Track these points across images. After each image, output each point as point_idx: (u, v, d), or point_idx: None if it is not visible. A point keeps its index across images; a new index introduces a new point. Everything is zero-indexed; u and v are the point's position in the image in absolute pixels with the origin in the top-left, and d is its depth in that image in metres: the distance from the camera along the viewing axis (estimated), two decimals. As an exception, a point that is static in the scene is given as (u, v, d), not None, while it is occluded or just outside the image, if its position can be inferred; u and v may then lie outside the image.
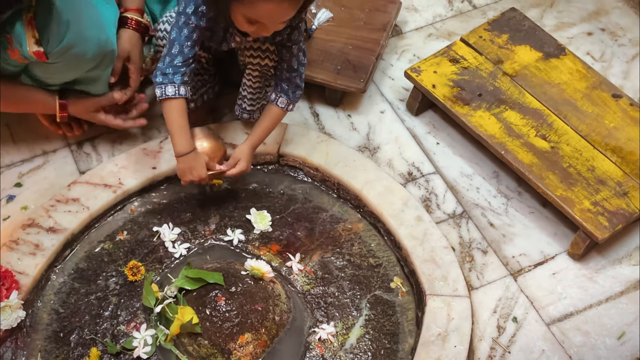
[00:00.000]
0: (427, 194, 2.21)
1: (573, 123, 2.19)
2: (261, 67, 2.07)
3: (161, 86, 1.92)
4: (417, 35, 2.62)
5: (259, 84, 2.14)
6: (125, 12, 2.13)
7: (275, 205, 2.14)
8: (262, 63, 2.06)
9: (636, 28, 2.64)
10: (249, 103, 2.19)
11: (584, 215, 2.01)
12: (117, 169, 2.13)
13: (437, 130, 2.37)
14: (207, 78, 2.24)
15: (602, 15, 2.69)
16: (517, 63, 2.33)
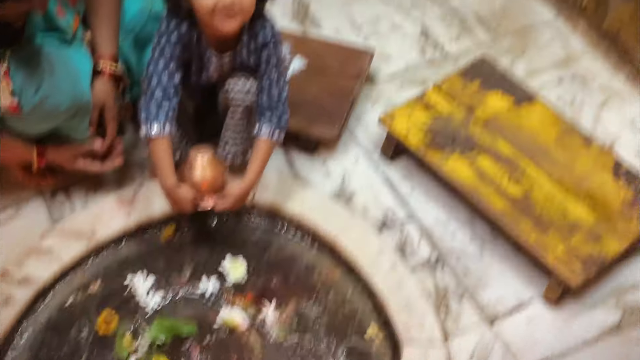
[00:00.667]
0: (402, 240, 2.22)
1: (545, 169, 2.21)
2: (244, 105, 2.08)
3: (146, 124, 1.93)
4: (391, 83, 2.64)
5: (243, 121, 2.15)
6: (99, 59, 2.13)
7: (250, 253, 2.14)
8: (246, 100, 2.07)
9: (606, 74, 2.69)
10: (232, 143, 2.19)
11: (557, 261, 2.02)
12: (91, 218, 2.12)
13: (411, 176, 2.38)
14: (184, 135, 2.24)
15: (572, 62, 2.73)
16: (489, 110, 2.35)
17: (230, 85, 2.06)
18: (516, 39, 2.81)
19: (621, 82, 2.67)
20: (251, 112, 2.12)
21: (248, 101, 2.07)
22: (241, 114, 2.12)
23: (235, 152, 2.21)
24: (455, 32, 2.83)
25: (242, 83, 2.05)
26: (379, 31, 2.82)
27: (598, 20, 2.77)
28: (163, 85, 1.93)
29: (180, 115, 2.14)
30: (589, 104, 2.59)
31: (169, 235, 2.16)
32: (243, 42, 2.00)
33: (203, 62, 2.03)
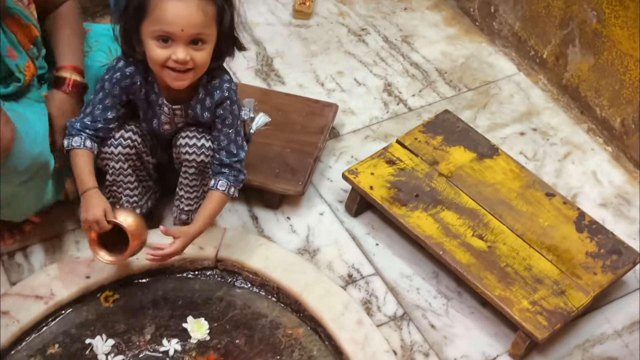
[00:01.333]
0: (368, 296, 2.20)
1: (509, 222, 2.22)
2: (197, 164, 2.07)
3: (69, 137, 1.99)
4: (354, 138, 2.65)
5: (196, 181, 2.13)
6: (61, 70, 2.08)
7: (213, 312, 2.10)
8: (198, 160, 2.05)
9: (566, 128, 2.73)
10: (186, 203, 2.17)
11: (523, 315, 2.01)
12: (50, 280, 2.07)
13: (376, 231, 2.37)
14: (152, 184, 2.23)
15: (534, 116, 2.77)
16: (452, 164, 2.36)
17: (181, 141, 2.05)
18: (478, 94, 2.85)
19: (582, 135, 2.70)
20: (204, 171, 2.10)
21: (200, 160, 2.06)
22: (193, 174, 2.11)
23: (188, 212, 2.19)
24: (417, 87, 2.86)
25: (194, 140, 2.04)
26: (342, 86, 2.84)
27: (558, 74, 2.82)
28: (94, 115, 1.99)
29: (142, 171, 2.14)
30: (551, 157, 2.61)
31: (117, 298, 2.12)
32: (198, 97, 2.00)
33: (153, 109, 2.03)
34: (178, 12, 1.78)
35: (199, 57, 1.85)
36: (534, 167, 2.55)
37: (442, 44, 3.06)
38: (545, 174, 2.54)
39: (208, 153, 2.05)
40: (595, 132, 2.71)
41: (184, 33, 1.79)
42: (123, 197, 2.14)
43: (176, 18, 1.78)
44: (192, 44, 1.82)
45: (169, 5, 1.77)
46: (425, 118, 2.66)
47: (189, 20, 1.79)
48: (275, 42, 3.02)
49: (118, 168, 2.08)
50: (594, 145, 2.67)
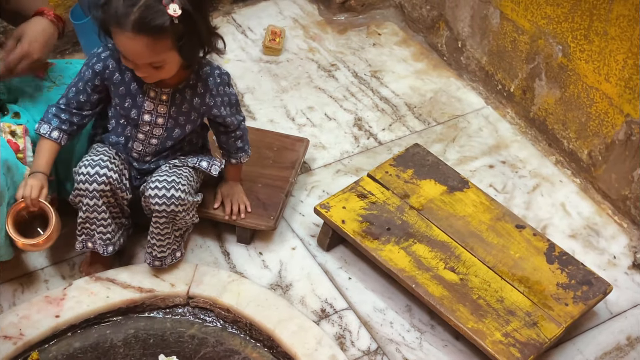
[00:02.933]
0: (341, 330, 2.19)
1: (480, 254, 2.23)
2: (167, 214, 2.06)
3: (41, 122, 2.04)
4: (326, 172, 2.66)
5: (167, 229, 2.12)
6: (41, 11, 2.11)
7: (185, 350, 2.07)
8: (168, 210, 2.04)
9: (535, 160, 2.76)
10: (158, 250, 2.15)
11: (496, 347, 2.01)
12: (18, 319, 2.04)
13: (348, 265, 2.37)
14: (124, 221, 2.20)
15: (502, 149, 2.80)
16: (422, 197, 2.38)
17: (150, 192, 2.04)
18: (447, 127, 2.88)
19: (550, 167, 2.74)
20: (175, 219, 2.10)
21: (170, 210, 2.05)
22: (164, 223, 2.09)
23: (161, 259, 2.18)
24: (387, 121, 2.88)
25: (164, 192, 2.03)
26: (313, 121, 2.86)
27: (525, 107, 2.86)
28: (68, 98, 2.04)
29: (116, 208, 2.12)
30: (520, 190, 2.64)
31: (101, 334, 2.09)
32: (189, 82, 2.03)
33: (133, 96, 2.03)
34: (129, 49, 1.85)
35: (162, 74, 1.93)
36: (503, 199, 2.58)
37: (411, 79, 3.10)
38: (515, 206, 2.56)
39: (178, 203, 2.04)
40: (563, 164, 2.74)
41: (139, 62, 1.87)
42: (96, 234, 2.11)
43: (128, 53, 1.86)
44: (151, 65, 1.88)
45: (121, 42, 1.84)
46: (396, 152, 2.68)
47: (140, 56, 1.86)
48: (245, 78, 3.04)
49: (92, 205, 2.05)
50: (562, 177, 2.70)
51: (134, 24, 1.77)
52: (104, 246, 2.13)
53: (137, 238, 2.32)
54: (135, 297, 2.13)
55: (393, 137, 2.82)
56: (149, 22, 1.78)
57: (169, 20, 1.79)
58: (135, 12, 1.77)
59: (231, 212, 2.28)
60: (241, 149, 2.23)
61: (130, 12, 1.77)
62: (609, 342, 2.21)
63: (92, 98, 2.05)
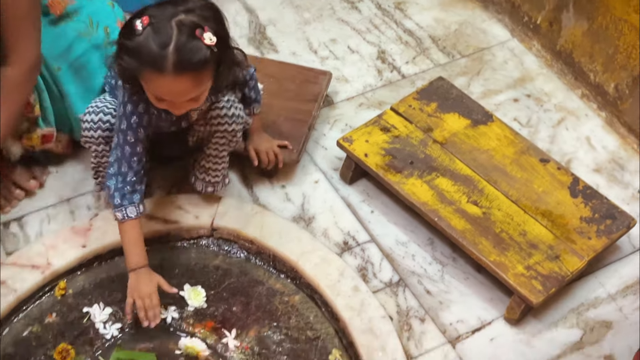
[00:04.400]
0: (363, 263, 2.21)
1: (503, 188, 2.23)
2: (228, 134, 2.06)
3: (121, 209, 1.90)
4: (349, 105, 2.65)
5: (225, 152, 2.13)
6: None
7: (209, 280, 2.11)
8: (230, 129, 2.05)
9: (560, 94, 2.72)
10: (213, 175, 2.17)
11: (517, 280, 2.02)
12: (45, 249, 2.08)
13: (371, 198, 2.38)
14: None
15: (527, 82, 2.76)
16: (446, 131, 2.36)
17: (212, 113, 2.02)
18: (471, 60, 2.84)
19: (576, 101, 2.70)
20: (232, 142, 2.10)
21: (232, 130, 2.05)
22: (224, 144, 2.10)
23: (214, 184, 2.20)
24: (411, 54, 2.85)
25: (225, 111, 2.01)
26: (335, 54, 2.83)
27: (552, 40, 2.81)
28: (134, 169, 1.91)
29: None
30: (545, 124, 2.61)
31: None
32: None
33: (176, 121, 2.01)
34: (171, 90, 1.74)
35: (197, 104, 1.83)
36: (528, 133, 2.55)
37: (435, 11, 3.04)
38: (539, 140, 2.54)
39: (239, 121, 2.05)
40: (589, 97, 2.70)
41: (181, 100, 1.78)
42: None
43: (170, 95, 1.75)
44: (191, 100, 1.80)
45: (161, 85, 1.72)
46: (419, 85, 2.65)
47: (184, 94, 1.75)
48: (267, 9, 3.00)
49: (101, 151, 2.05)
50: (588, 110, 2.67)
51: (176, 65, 1.66)
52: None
53: (160, 171, 2.33)
54: (160, 228, 2.16)
55: (417, 70, 2.79)
56: (191, 59, 1.67)
57: (208, 51, 1.70)
58: (173, 52, 1.65)
59: (268, 163, 2.28)
60: (254, 99, 2.20)
61: (168, 53, 1.65)
62: (631, 276, 2.21)
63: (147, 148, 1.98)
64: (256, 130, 2.27)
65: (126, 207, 1.90)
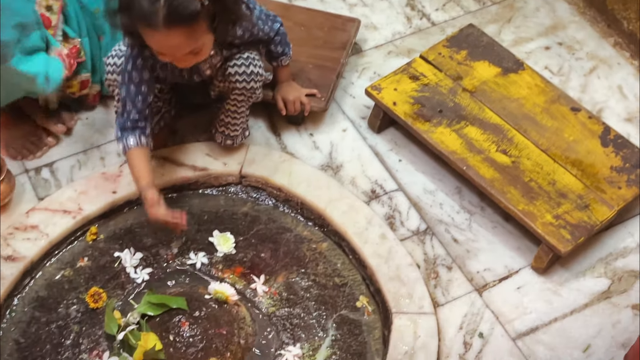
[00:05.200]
0: (391, 211, 2.21)
1: (533, 137, 2.21)
2: (247, 91, 2.07)
3: (122, 139, 1.95)
4: (377, 53, 2.62)
5: (243, 108, 2.14)
6: None
7: (238, 227, 2.13)
8: (248, 87, 2.05)
9: (592, 42, 2.68)
10: (232, 129, 2.18)
11: (546, 229, 2.02)
12: (77, 195, 2.10)
13: (399, 147, 2.37)
14: (161, 105, 2.21)
15: (559, 30, 2.72)
16: (476, 79, 2.34)
17: (230, 70, 2.03)
18: (502, 7, 2.79)
19: (608, 49, 2.66)
20: (251, 98, 2.11)
21: (250, 87, 2.06)
22: (242, 101, 2.10)
23: (234, 138, 2.20)
24: (441, 1, 2.80)
25: (244, 68, 2.02)
26: (364, 1, 2.79)
27: (584, -13, 2.76)
28: (138, 108, 1.94)
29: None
30: (577, 72, 2.58)
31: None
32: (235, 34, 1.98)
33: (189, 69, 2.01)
34: (166, 45, 1.78)
35: (201, 57, 1.87)
36: (559, 81, 2.52)
37: (466, -43, 2.99)
38: (570, 88, 2.51)
39: (257, 79, 2.05)
40: (621, 46, 2.66)
41: (178, 54, 1.81)
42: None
43: (166, 49, 1.80)
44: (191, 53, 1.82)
45: (156, 40, 1.77)
46: (449, 33, 2.62)
47: (179, 48, 1.79)
48: (296, -44, 2.97)
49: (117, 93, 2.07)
50: (620, 59, 2.63)
51: (166, 19, 1.69)
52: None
53: (190, 118, 2.34)
54: (189, 175, 2.18)
55: (447, 18, 2.75)
56: (181, 12, 1.70)
57: (199, 4, 1.72)
58: (164, 7, 1.68)
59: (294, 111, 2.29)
60: (282, 53, 2.18)
61: (158, 8, 1.68)
62: (661, 226, 2.20)
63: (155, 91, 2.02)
64: (285, 80, 2.27)
65: (126, 138, 1.95)
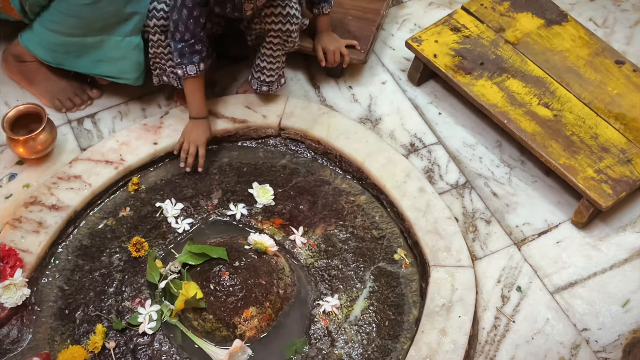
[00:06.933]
0: (430, 164, 2.20)
1: (576, 90, 2.17)
2: (282, 33, 2.06)
3: (182, 66, 2.00)
4: (418, 4, 2.59)
5: (280, 52, 2.13)
6: None
7: (277, 179, 2.14)
8: (284, 28, 2.05)
9: (639, -7, 2.62)
10: (268, 74, 2.18)
11: (587, 183, 2.00)
12: (118, 145, 2.13)
13: (438, 100, 2.35)
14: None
15: (605, -19, 2.66)
16: (519, 31, 2.30)
17: (265, 11, 2.03)
18: (547, -42, 2.73)
19: (655, 0, 2.60)
20: (287, 41, 2.10)
21: (285, 29, 2.05)
22: (278, 44, 2.10)
23: (269, 84, 2.20)
24: (483, -48, 2.75)
25: (279, 9, 2.02)
26: (405, -48, 2.76)
27: (632, -64, 2.68)
28: (192, 31, 1.97)
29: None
30: (622, 24, 2.52)
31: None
32: None
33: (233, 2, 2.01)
34: None
35: None
36: (603, 34, 2.47)
37: None
38: (615, 41, 2.46)
39: (293, 21, 2.04)
40: (669, -3, 2.60)
41: None
42: (167, 69, 2.14)
43: None
44: None
45: None
46: (492, -16, 2.57)
47: None
48: None
49: (156, 40, 2.07)
50: (668, 11, 2.57)
51: None
52: (177, 79, 2.16)
53: (229, 70, 2.34)
54: (228, 127, 2.19)
55: (489, -31, 2.70)
56: None
57: None
58: None
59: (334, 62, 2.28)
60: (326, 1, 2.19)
61: None
62: None
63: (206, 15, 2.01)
64: (325, 30, 2.25)
65: (186, 65, 2.00)
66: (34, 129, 2.07)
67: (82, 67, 2.17)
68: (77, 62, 2.15)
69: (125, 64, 2.13)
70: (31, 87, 2.25)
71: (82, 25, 2.03)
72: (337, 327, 1.88)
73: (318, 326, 1.88)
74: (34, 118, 2.09)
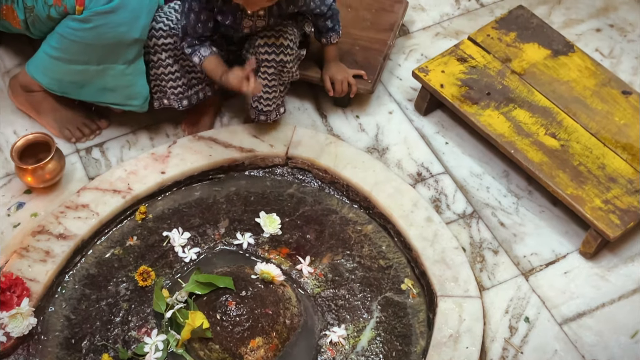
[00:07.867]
0: (437, 194, 2.20)
1: (583, 121, 2.18)
2: (277, 64, 2.08)
3: (195, 53, 2.05)
4: (425, 35, 2.61)
5: (275, 82, 2.14)
6: None
7: (284, 208, 2.14)
8: (277, 59, 2.06)
9: (645, 23, 2.63)
10: (265, 104, 2.19)
11: (595, 214, 1.99)
12: (126, 175, 2.13)
13: (445, 130, 2.36)
14: (201, 76, 2.21)
15: (611, 12, 2.67)
16: (525, 61, 2.31)
17: (259, 42, 2.05)
18: (553, -11, 2.75)
19: (661, 31, 2.61)
20: (283, 71, 2.11)
21: (279, 60, 2.07)
22: (272, 74, 2.11)
23: (267, 113, 2.20)
24: (490, -17, 2.78)
25: (273, 40, 2.04)
26: (412, -17, 2.78)
27: (638, -33, 2.70)
28: (198, 34, 2.02)
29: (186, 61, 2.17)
30: (628, 55, 2.53)
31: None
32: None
33: (234, 16, 2.02)
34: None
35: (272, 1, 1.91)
36: (610, 64, 2.48)
37: (516, -63, 2.95)
38: (621, 71, 2.46)
39: (287, 52, 2.06)
40: (675, 28, 2.61)
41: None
42: (168, 90, 2.16)
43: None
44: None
45: None
46: (498, 14, 2.59)
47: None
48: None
49: (157, 60, 2.11)
50: (674, 42, 2.58)
51: None
52: (178, 100, 2.18)
53: (236, 100, 2.35)
54: (236, 156, 2.19)
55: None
56: None
57: None
58: None
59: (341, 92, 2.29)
60: (331, 29, 2.19)
61: None
62: None
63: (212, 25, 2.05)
64: (332, 60, 2.26)
65: (198, 50, 2.04)
66: (42, 158, 2.08)
67: (87, 95, 2.18)
68: (82, 91, 2.16)
69: (131, 91, 2.14)
70: (39, 117, 2.26)
71: (84, 51, 2.05)
72: (343, 357, 1.87)
73: (325, 357, 1.87)
74: (42, 147, 2.10)
